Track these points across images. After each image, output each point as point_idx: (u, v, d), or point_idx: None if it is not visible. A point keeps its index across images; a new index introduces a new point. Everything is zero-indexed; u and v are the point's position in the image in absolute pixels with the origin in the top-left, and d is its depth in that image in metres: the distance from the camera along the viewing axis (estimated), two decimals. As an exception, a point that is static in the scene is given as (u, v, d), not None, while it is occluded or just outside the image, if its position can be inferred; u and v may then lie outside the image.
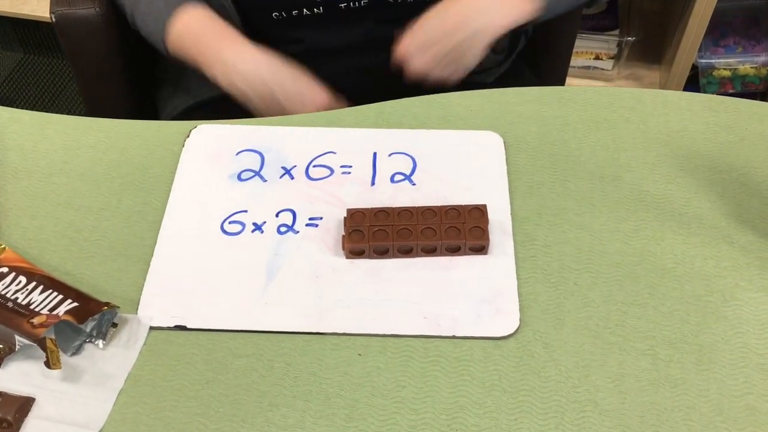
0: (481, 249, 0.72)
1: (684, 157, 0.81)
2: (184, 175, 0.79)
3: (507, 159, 0.80)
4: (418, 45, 0.87)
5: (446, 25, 0.86)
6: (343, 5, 0.91)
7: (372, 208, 0.74)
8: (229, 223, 0.75)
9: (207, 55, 0.89)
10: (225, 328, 0.67)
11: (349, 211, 0.74)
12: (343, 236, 0.72)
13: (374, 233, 0.71)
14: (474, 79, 1.02)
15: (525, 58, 1.11)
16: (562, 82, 1.22)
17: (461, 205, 0.74)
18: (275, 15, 0.91)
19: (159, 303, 0.69)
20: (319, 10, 0.91)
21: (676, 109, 0.85)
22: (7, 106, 0.87)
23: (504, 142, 0.82)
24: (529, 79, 1.10)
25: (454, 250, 0.72)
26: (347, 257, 0.72)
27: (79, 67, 0.98)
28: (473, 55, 0.88)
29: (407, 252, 0.72)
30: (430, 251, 0.72)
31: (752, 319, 0.67)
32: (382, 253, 0.72)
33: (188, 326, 0.67)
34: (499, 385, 0.63)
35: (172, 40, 0.90)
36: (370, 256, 0.72)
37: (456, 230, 0.72)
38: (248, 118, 0.86)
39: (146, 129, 0.84)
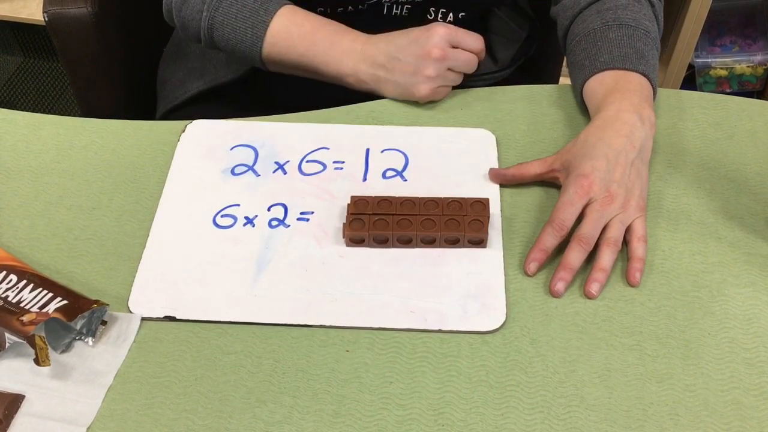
0: (480, 242, 0.72)
1: (673, 153, 0.81)
2: (179, 169, 0.80)
3: (498, 157, 0.81)
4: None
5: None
6: (386, 5, 0.92)
7: (375, 196, 0.74)
8: (221, 216, 0.76)
9: (329, 51, 0.85)
10: (214, 319, 0.68)
11: (353, 198, 0.74)
12: (344, 224, 0.73)
13: (374, 222, 0.72)
14: (467, 84, 1.03)
15: (522, 66, 1.12)
16: (556, 82, 1.23)
17: (464, 198, 0.74)
18: (320, 10, 0.91)
19: (149, 294, 0.69)
20: (363, 6, 0.92)
21: (665, 107, 0.85)
22: (5, 109, 0.87)
23: (496, 139, 0.82)
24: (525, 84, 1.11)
25: (453, 242, 0.72)
26: (347, 245, 0.72)
27: (72, 67, 0.99)
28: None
29: (406, 242, 0.72)
30: (430, 242, 0.72)
31: (739, 315, 0.68)
32: (382, 242, 0.72)
33: (177, 317, 0.68)
34: (486, 380, 0.64)
35: (272, 45, 0.86)
36: (369, 245, 0.72)
37: (456, 222, 0.72)
38: (263, 102, 0.87)
39: (138, 129, 0.85)
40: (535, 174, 0.77)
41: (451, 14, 0.93)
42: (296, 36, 0.85)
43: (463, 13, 0.93)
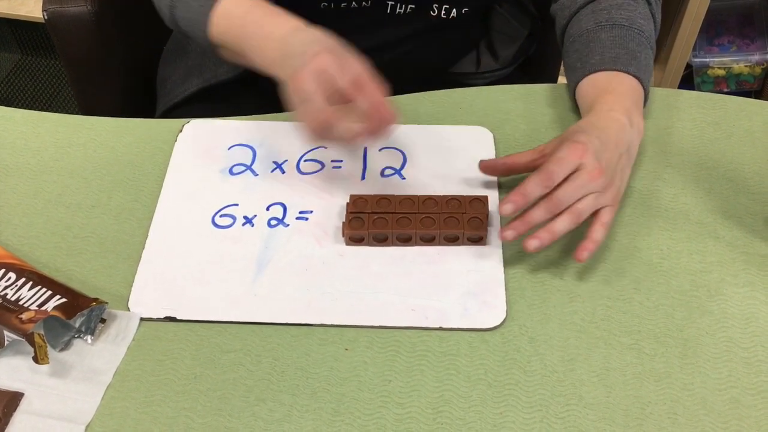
0: (479, 240, 0.72)
1: (671, 153, 0.81)
2: (177, 169, 0.80)
3: (496, 155, 0.81)
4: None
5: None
6: (390, 4, 0.91)
7: (374, 195, 0.74)
8: (220, 216, 0.76)
9: (255, 35, 0.76)
10: (214, 319, 0.68)
11: (352, 197, 0.74)
12: (344, 223, 0.73)
13: (374, 221, 0.72)
14: (468, 82, 1.03)
15: (522, 65, 1.12)
16: (554, 82, 1.23)
17: (462, 195, 0.74)
18: (323, 5, 0.90)
19: (149, 294, 0.69)
20: (367, 3, 0.90)
21: (663, 106, 0.85)
22: (2, 106, 0.87)
23: (494, 138, 0.82)
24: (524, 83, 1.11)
25: (453, 240, 0.72)
26: (347, 243, 0.72)
27: (71, 65, 0.99)
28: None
29: (406, 240, 0.72)
30: (429, 240, 0.72)
31: (737, 314, 0.68)
32: (381, 241, 0.72)
33: (178, 317, 0.68)
34: (485, 379, 0.64)
35: (215, 26, 0.79)
36: (369, 244, 0.72)
37: (455, 220, 0.72)
38: (262, 101, 0.86)
39: (137, 127, 0.85)
40: (527, 161, 0.75)
41: (454, 10, 0.92)
42: (234, 18, 0.78)
43: (467, 9, 0.92)
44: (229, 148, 0.82)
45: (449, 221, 0.72)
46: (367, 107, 0.68)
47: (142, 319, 0.68)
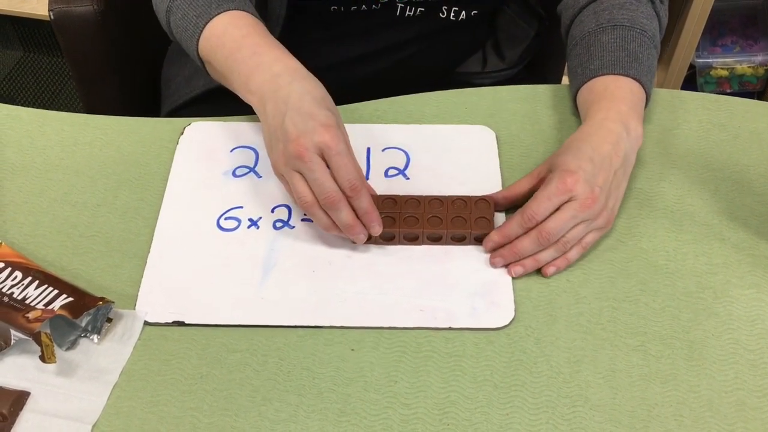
0: None
1: (677, 154, 0.81)
2: (179, 172, 0.80)
3: (501, 155, 0.81)
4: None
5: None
6: (400, 6, 0.91)
7: (380, 195, 0.74)
8: (225, 219, 0.75)
9: (247, 61, 0.74)
10: (222, 323, 0.67)
11: None
12: None
13: (381, 220, 0.72)
14: (474, 82, 1.03)
15: (527, 65, 1.12)
16: (559, 82, 1.23)
17: (468, 196, 0.74)
18: (333, 8, 0.90)
19: (156, 299, 0.69)
20: (377, 6, 0.90)
21: (669, 108, 0.85)
22: (7, 104, 0.87)
23: (497, 137, 0.82)
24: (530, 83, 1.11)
25: (460, 240, 0.72)
26: (354, 244, 0.72)
27: (76, 65, 0.99)
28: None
29: (413, 239, 0.72)
30: (436, 240, 0.72)
31: (743, 316, 0.68)
32: (388, 240, 0.72)
33: (186, 321, 0.67)
34: (491, 380, 0.64)
35: (206, 40, 0.78)
36: (376, 242, 0.72)
37: (462, 220, 0.72)
38: None
39: (142, 126, 0.85)
40: (526, 190, 0.74)
41: (463, 12, 0.92)
42: (229, 37, 0.77)
43: (475, 11, 0.92)
44: (231, 150, 0.82)
45: (456, 221, 0.72)
46: (359, 212, 0.69)
47: (150, 324, 0.68)
